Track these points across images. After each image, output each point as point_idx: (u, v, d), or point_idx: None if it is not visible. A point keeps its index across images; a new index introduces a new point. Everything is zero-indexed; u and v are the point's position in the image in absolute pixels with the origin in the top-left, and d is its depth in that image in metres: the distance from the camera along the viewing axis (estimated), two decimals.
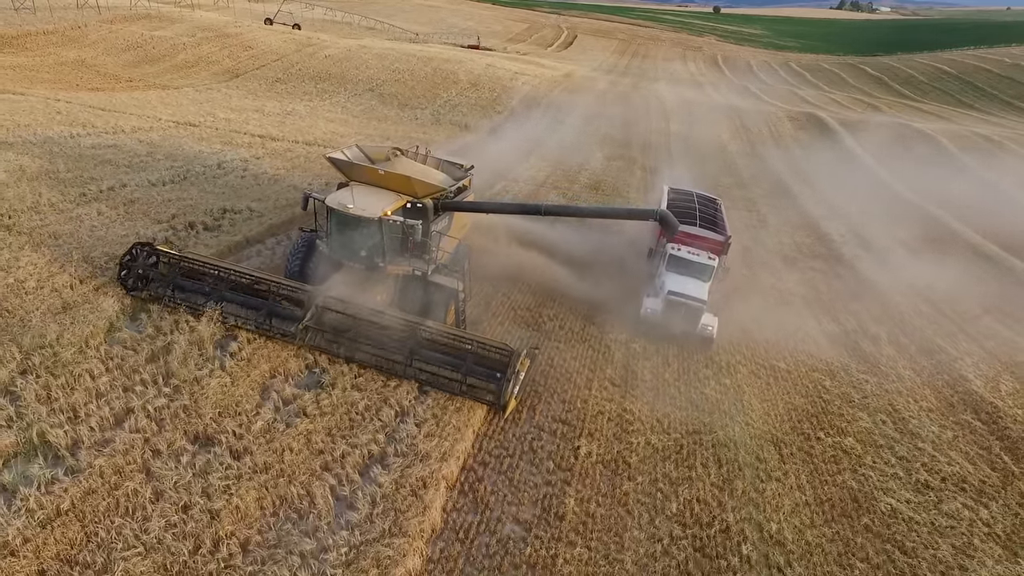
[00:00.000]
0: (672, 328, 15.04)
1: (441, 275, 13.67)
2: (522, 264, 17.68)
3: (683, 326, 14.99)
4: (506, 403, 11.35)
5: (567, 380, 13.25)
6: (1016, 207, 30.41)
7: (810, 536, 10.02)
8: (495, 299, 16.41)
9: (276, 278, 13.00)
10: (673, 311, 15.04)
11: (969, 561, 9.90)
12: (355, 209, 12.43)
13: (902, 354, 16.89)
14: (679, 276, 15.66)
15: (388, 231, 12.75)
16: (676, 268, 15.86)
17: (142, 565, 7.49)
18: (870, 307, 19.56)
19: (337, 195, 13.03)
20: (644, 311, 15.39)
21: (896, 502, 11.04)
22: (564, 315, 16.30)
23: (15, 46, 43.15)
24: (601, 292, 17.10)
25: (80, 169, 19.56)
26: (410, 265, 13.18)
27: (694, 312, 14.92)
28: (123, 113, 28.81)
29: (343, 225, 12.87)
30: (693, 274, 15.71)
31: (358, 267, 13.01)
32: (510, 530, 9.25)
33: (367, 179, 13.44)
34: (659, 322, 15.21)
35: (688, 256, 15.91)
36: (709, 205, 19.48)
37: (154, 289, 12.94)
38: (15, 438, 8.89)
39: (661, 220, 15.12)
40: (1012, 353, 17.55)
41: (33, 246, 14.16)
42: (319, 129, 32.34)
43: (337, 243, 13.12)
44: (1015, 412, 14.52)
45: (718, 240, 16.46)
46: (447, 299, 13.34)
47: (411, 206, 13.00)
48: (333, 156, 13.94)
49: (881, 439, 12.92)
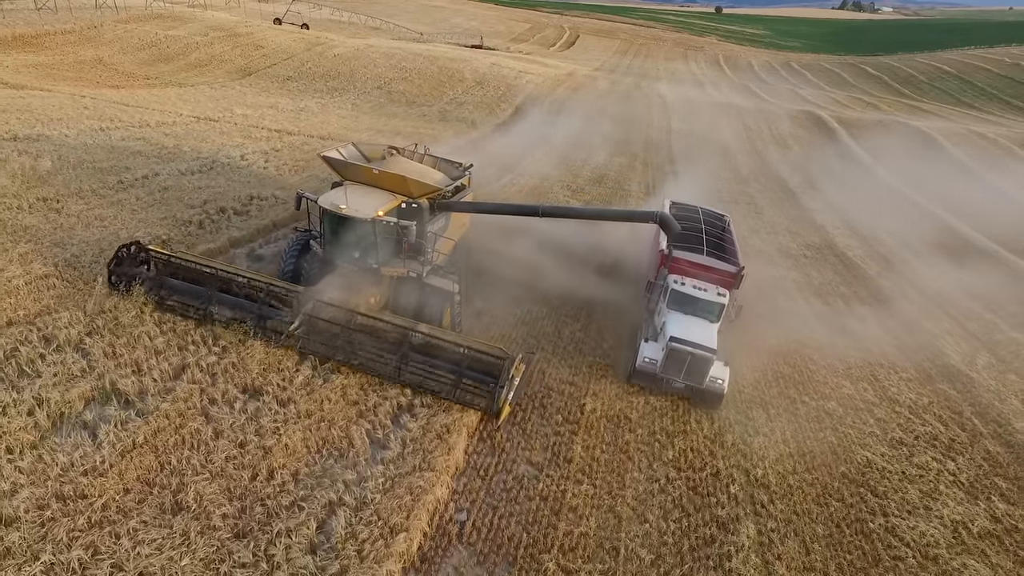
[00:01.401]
0: (674, 383, 12.74)
1: (437, 277, 13.35)
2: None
3: (687, 380, 12.56)
4: (499, 409, 10.97)
5: (575, 348, 14.44)
6: (997, 195, 31.78)
7: (792, 480, 11.20)
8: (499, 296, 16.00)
9: (268, 279, 12.60)
10: (675, 362, 12.45)
11: (933, 503, 11.06)
12: (348, 209, 12.15)
13: (887, 333, 18.04)
14: (682, 317, 13.31)
15: (382, 232, 12.42)
16: (679, 306, 13.54)
17: (210, 487, 8.70)
18: (858, 290, 20.74)
19: (330, 195, 12.75)
20: (640, 362, 12.85)
21: (871, 455, 12.22)
22: (572, 292, 17.30)
23: (35, 45, 44.44)
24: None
25: (114, 160, 20.81)
26: (405, 267, 12.89)
27: (702, 364, 12.32)
28: (146, 109, 30.08)
29: (336, 226, 12.58)
30: (699, 313, 13.41)
31: (352, 268, 12.73)
32: (524, 470, 10.46)
33: (362, 178, 13.19)
34: (658, 374, 12.78)
35: (693, 292, 13.53)
36: (717, 223, 17.60)
37: (144, 289, 12.51)
38: (91, 386, 10.13)
39: (661, 222, 13.82)
40: (991, 333, 18.71)
41: (83, 227, 15.43)
42: (331, 124, 33.58)
43: (330, 244, 12.86)
44: (988, 383, 15.68)
45: (729, 272, 14.19)
46: (443, 302, 13.08)
47: (406, 206, 12.74)
48: (327, 155, 13.62)
49: (862, 403, 14.09)
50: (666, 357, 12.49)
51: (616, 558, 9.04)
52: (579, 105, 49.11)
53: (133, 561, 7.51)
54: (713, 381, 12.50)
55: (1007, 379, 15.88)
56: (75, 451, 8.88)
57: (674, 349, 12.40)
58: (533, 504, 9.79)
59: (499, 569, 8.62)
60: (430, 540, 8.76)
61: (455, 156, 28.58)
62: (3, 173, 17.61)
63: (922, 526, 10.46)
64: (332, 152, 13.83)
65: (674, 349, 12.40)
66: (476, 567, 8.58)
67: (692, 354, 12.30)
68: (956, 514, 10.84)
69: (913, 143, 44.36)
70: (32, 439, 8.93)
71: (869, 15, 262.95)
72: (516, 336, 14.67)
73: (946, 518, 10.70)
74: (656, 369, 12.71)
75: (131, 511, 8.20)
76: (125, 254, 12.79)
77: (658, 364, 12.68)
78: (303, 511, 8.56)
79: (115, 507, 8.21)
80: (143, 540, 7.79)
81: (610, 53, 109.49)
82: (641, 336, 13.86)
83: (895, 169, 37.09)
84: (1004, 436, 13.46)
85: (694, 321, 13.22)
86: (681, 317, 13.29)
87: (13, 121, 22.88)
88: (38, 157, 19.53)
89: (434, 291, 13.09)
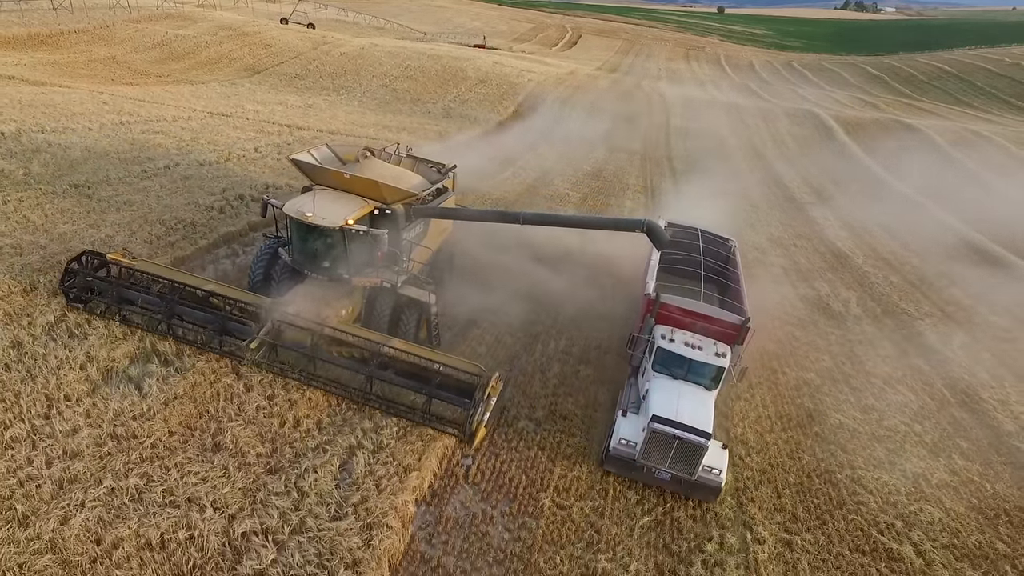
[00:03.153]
0: (658, 473, 10.22)
1: (413, 287, 12.61)
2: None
3: (674, 469, 10.09)
4: (473, 432, 10.25)
5: (571, 323, 15.49)
6: (970, 179, 33.33)
7: (768, 438, 12.25)
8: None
9: (232, 290, 11.98)
10: (658, 447, 9.99)
11: (897, 459, 12.10)
12: (314, 217, 11.25)
13: (868, 314, 19.06)
14: (670, 384, 10.94)
15: (352, 241, 11.54)
16: (667, 368, 11.17)
17: (244, 432, 9.80)
18: (843, 275, 21.79)
19: (297, 201, 11.83)
20: (615, 444, 10.28)
21: (844, 418, 13.26)
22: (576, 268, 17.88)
23: (50, 44, 45.67)
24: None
25: (137, 151, 21.95)
26: (378, 277, 12.06)
27: (692, 451, 9.88)
28: (161, 104, 31.23)
29: (303, 234, 11.78)
30: (693, 378, 11.07)
31: (321, 279, 12.01)
32: (524, 424, 11.53)
33: (332, 183, 12.30)
34: (637, 461, 10.21)
35: (684, 351, 11.10)
36: (719, 252, 15.20)
37: (100, 301, 11.99)
38: (133, 347, 11.25)
39: (648, 232, 12.08)
40: (970, 316, 19.72)
41: (114, 210, 16.57)
42: (339, 120, 34.70)
43: (299, 253, 12.10)
44: (961, 359, 16.70)
45: (731, 323, 11.57)
46: (419, 313, 12.47)
47: (379, 212, 12.00)
48: (297, 158, 12.73)
49: (839, 375, 15.12)
50: (647, 440, 9.96)
51: (605, 497, 10.11)
52: (580, 103, 50.15)
53: (182, 488, 8.61)
54: (707, 472, 9.99)
55: (980, 356, 16.92)
56: (124, 400, 9.99)
57: (657, 432, 9.88)
58: (532, 452, 10.87)
59: (501, 504, 9.70)
60: (439, 479, 9.86)
61: (458, 151, 30.06)
62: (37, 162, 18.76)
63: (885, 477, 11.51)
64: (302, 155, 12.94)
65: (657, 432, 9.88)
66: (480, 502, 9.66)
67: (680, 439, 9.82)
68: (918, 468, 11.88)
69: (906, 140, 45.37)
70: (86, 389, 10.04)
71: (871, 15, 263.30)
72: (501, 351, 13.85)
73: (908, 471, 11.75)
74: (635, 454, 10.16)
75: (176, 449, 9.30)
76: (77, 267, 12.00)
77: (637, 448, 10.12)
78: (327, 452, 9.66)
79: (162, 445, 9.32)
80: (189, 472, 8.90)
81: (612, 53, 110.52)
82: (620, 405, 11.41)
83: (882, 160, 38.27)
84: (970, 404, 14.49)
85: (685, 390, 10.82)
86: (669, 385, 10.90)
87: (39, 115, 24.03)
88: (66, 148, 20.68)
89: (410, 302, 12.39)
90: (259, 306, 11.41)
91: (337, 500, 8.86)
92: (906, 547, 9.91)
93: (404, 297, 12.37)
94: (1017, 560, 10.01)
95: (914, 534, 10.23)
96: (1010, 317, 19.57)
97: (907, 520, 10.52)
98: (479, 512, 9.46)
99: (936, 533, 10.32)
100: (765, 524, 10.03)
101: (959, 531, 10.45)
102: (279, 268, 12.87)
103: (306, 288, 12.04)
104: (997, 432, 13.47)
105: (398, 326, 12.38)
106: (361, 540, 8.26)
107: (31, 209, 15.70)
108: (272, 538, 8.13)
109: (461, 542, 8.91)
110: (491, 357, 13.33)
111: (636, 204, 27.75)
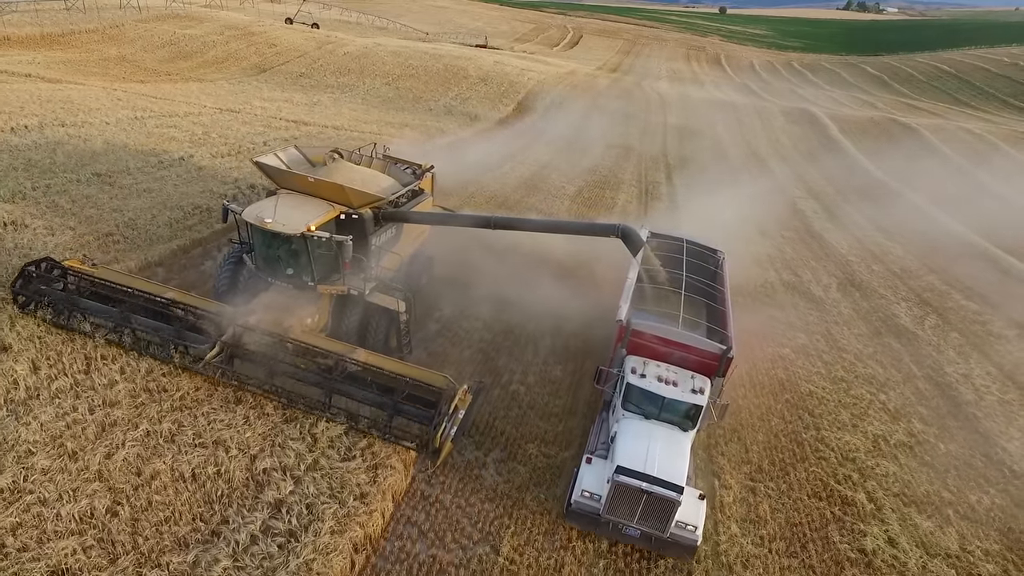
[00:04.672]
0: (627, 530, 9.07)
1: (382, 294, 12.08)
2: None
3: (644, 526, 8.95)
4: (438, 448, 9.67)
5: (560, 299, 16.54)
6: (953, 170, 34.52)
7: (741, 402, 13.28)
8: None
9: (191, 299, 11.54)
10: (624, 501, 8.86)
11: (861, 422, 13.15)
12: (274, 224, 10.82)
13: (847, 297, 20.08)
14: (641, 426, 9.72)
15: (315, 248, 11.12)
16: (639, 406, 9.91)
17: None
18: (826, 264, 22.80)
19: (258, 206, 11.42)
20: (577, 497, 9.16)
21: (814, 387, 14.31)
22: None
23: (62, 43, 46.94)
24: None
25: (152, 143, 23.09)
26: (345, 284, 11.66)
27: (663, 507, 8.74)
28: (172, 101, 32.39)
29: (266, 240, 11.39)
30: (667, 418, 9.85)
31: (286, 286, 11.61)
32: (516, 387, 12.61)
33: (297, 187, 11.87)
34: (602, 516, 9.06)
35: (656, 387, 9.78)
36: (705, 265, 13.70)
37: (54, 310, 11.47)
38: None
39: (623, 237, 11.60)
40: (943, 300, 20.74)
41: (135, 196, 17.74)
42: (344, 116, 35.83)
43: (262, 260, 11.72)
44: (931, 338, 17.75)
45: (712, 353, 10.20)
46: (388, 322, 12.09)
47: (346, 217, 11.59)
48: (261, 160, 12.25)
49: (813, 351, 16.17)
50: (611, 494, 8.79)
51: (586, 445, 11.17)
52: (579, 101, 51.19)
53: (209, 432, 9.71)
54: (681, 528, 8.86)
55: (949, 337, 17.93)
56: (153, 360, 11.07)
57: (622, 484, 8.70)
58: (522, 411, 11.94)
59: (493, 452, 10.77)
60: None
61: (458, 146, 31.12)
62: (61, 153, 19.91)
63: (847, 438, 12.55)
64: (267, 157, 12.42)
65: (622, 484, 8.70)
66: (475, 451, 10.74)
67: (648, 493, 8.67)
68: (879, 430, 12.94)
69: (899, 136, 46.34)
70: (118, 351, 11.14)
71: (874, 15, 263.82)
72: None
73: (869, 433, 12.81)
74: (600, 508, 9.01)
75: (203, 401, 10.40)
76: (35, 272, 11.57)
77: (602, 501, 8.97)
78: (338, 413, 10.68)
79: (190, 398, 10.42)
80: (215, 420, 9.99)
81: (612, 53, 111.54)
82: (589, 446, 10.30)
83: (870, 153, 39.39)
84: (935, 378, 15.51)
85: (658, 433, 9.56)
86: (639, 427, 9.65)
87: (58, 110, 25.18)
88: (86, 140, 21.82)
89: (377, 310, 11.98)
90: (219, 314, 10.95)
91: (347, 445, 9.94)
92: (860, 494, 10.95)
93: (372, 305, 11.91)
94: (959, 506, 11.05)
95: (868, 484, 11.27)
96: (981, 301, 20.62)
97: (863, 472, 11.57)
98: (473, 459, 10.53)
99: (889, 484, 11.36)
100: (732, 474, 11.08)
101: (910, 482, 11.49)
102: (245, 275, 12.41)
103: (270, 296, 11.57)
104: (956, 401, 14.51)
105: (367, 335, 11.99)
106: (368, 477, 9.34)
107: (59, 195, 16.84)
108: (290, 474, 9.22)
109: (457, 482, 10.00)
110: (471, 363, 13.23)
111: (629, 197, 28.82)
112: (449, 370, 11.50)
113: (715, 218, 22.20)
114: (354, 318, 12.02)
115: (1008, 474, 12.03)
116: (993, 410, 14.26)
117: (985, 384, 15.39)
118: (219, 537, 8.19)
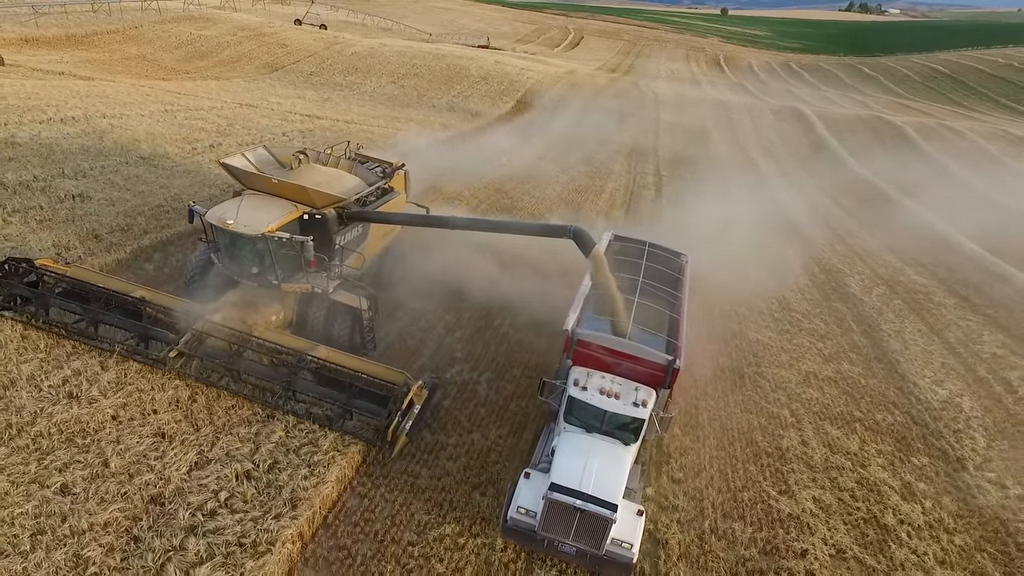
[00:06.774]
0: (563, 547, 8.97)
1: (346, 292, 12.49)
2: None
3: (579, 543, 8.89)
4: (392, 441, 10.07)
5: None
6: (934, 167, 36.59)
7: (694, 346, 15.63)
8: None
9: (159, 297, 11.98)
10: (558, 518, 8.84)
11: (797, 362, 15.58)
12: (235, 225, 11.14)
13: (806, 271, 22.45)
14: (581, 440, 9.60)
15: (277, 248, 11.41)
16: (580, 420, 9.82)
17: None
18: (793, 242, 25.22)
19: (221, 207, 11.72)
20: (513, 513, 9.08)
21: (761, 336, 16.76)
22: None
23: (86, 44, 49.69)
24: None
25: (184, 133, 25.67)
26: (309, 282, 12.01)
27: (597, 524, 8.75)
28: (195, 96, 35.01)
29: (229, 241, 11.67)
30: (609, 431, 9.70)
31: (252, 285, 12.05)
32: (506, 330, 15.06)
33: (262, 188, 12.14)
34: (538, 533, 8.96)
35: (597, 400, 9.65)
36: (666, 270, 13.49)
37: (28, 309, 11.79)
38: None
39: (575, 238, 11.17)
40: (894, 275, 23.11)
41: (177, 176, 20.36)
42: (353, 112, 38.42)
43: (227, 259, 12.05)
44: (875, 303, 20.15)
45: (657, 364, 10.06)
46: (352, 319, 12.50)
47: (309, 217, 11.90)
48: (228, 162, 12.47)
49: (766, 310, 18.57)
50: (545, 511, 8.79)
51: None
52: (576, 100, 53.62)
53: None
54: (616, 545, 8.80)
55: (893, 303, 20.32)
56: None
57: (556, 502, 8.70)
58: (509, 346, 14.42)
59: (485, 375, 13.24)
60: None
61: (460, 141, 33.56)
62: (108, 140, 22.51)
63: (783, 373, 14.99)
64: (234, 158, 12.66)
65: (556, 502, 8.70)
66: (471, 371, 13.19)
67: (582, 511, 8.65)
68: (811, 368, 15.38)
69: (885, 135, 48.64)
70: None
71: (875, 17, 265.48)
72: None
73: (802, 370, 15.25)
74: (535, 525, 8.94)
75: None
76: (10, 268, 11.76)
77: (537, 518, 8.91)
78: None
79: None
80: None
81: (612, 53, 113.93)
82: (535, 458, 10.19)
83: (855, 151, 41.66)
84: (870, 333, 17.91)
85: (599, 448, 9.44)
86: (578, 442, 9.52)
87: (98, 104, 27.78)
88: (127, 130, 24.40)
89: (341, 308, 12.39)
90: (184, 312, 11.41)
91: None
92: (784, 411, 13.39)
93: (336, 303, 12.34)
94: (866, 421, 13.48)
95: (793, 404, 13.71)
96: (929, 275, 22.98)
97: (791, 396, 14.01)
98: (469, 379, 12.99)
99: (810, 404, 13.80)
100: (678, 400, 13.47)
101: (829, 405, 13.93)
102: (214, 274, 12.85)
103: (236, 294, 12.06)
104: (884, 349, 16.92)
105: (330, 332, 12.40)
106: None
107: (112, 173, 19.43)
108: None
109: (456, 393, 12.45)
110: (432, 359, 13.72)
111: (617, 185, 31.26)
112: (415, 366, 12.70)
113: (696, 206, 24.80)
114: (319, 315, 12.45)
115: (913, 400, 14.45)
116: (915, 357, 16.66)
117: (913, 339, 17.78)
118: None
